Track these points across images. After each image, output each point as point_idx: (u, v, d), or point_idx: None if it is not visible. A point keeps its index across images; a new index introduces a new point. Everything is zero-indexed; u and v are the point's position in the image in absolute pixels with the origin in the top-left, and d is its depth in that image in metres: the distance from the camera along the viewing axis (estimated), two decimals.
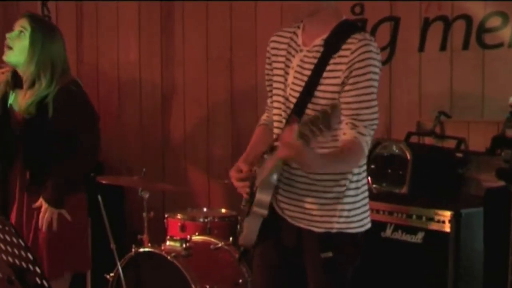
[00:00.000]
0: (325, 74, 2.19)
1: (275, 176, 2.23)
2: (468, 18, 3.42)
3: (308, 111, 2.21)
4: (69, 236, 2.99)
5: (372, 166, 3.17)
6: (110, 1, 4.86)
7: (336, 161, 2.17)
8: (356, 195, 2.29)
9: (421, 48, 3.61)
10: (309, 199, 2.26)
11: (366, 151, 2.19)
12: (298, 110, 2.23)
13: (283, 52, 2.34)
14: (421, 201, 2.98)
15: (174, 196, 4.60)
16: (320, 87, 2.20)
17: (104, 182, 3.60)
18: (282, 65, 2.33)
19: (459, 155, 3.21)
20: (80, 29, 5.04)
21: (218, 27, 4.40)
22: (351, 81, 2.16)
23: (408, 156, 3.09)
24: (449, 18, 3.49)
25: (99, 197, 3.33)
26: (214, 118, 4.47)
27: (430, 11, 3.57)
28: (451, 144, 3.35)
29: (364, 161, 2.27)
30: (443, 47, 3.53)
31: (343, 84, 2.17)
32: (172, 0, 4.60)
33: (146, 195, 3.60)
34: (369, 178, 3.22)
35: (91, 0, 4.96)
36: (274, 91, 2.36)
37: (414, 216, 2.92)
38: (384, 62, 3.68)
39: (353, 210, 2.27)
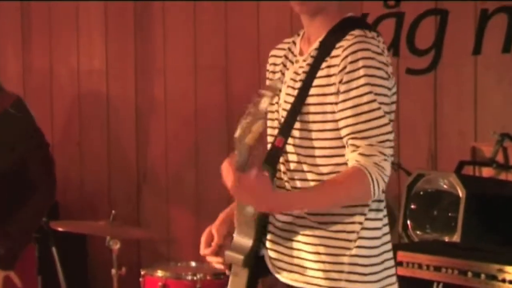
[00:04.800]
0: (316, 82, 2.25)
1: (249, 208, 2.22)
2: None
3: (294, 132, 2.26)
4: None
5: (413, 206, 3.19)
6: None
7: (325, 195, 2.18)
8: (374, 246, 2.27)
9: (477, 50, 3.65)
10: (308, 249, 2.27)
11: (378, 178, 2.15)
12: (284, 130, 2.27)
13: (279, 67, 2.41)
14: (479, 253, 2.99)
15: (152, 247, 4.62)
16: (311, 99, 2.25)
17: (60, 229, 3.62)
18: None
19: None
20: (28, 26, 5.09)
21: (209, 26, 4.46)
22: (343, 87, 2.20)
23: (461, 193, 3.11)
24: None
25: (54, 249, 3.36)
26: (205, 143, 4.51)
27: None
28: None
29: (379, 195, 2.24)
30: (507, 48, 3.57)
31: (338, 92, 2.21)
32: None
33: (116, 246, 3.62)
34: (409, 221, 3.24)
35: None
36: (269, 115, 2.39)
37: (469, 273, 2.92)
38: (426, 70, 3.75)
39: (369, 266, 2.27)
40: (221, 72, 4.43)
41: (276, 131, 2.34)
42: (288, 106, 2.30)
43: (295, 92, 2.29)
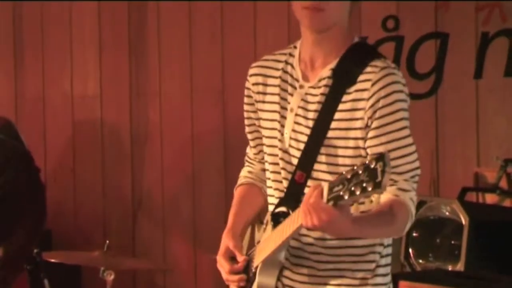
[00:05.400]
0: (338, 115, 2.23)
1: (283, 254, 2.27)
2: None
3: (318, 166, 2.25)
4: None
5: (415, 234, 3.20)
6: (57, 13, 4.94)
7: (381, 227, 2.19)
8: (387, 274, 2.32)
9: (478, 74, 3.68)
10: (330, 282, 2.29)
11: (414, 212, 2.21)
12: (304, 164, 2.26)
13: (275, 90, 2.36)
14: (484, 282, 2.99)
15: (148, 277, 4.62)
16: (334, 133, 2.24)
17: (52, 260, 3.62)
18: (275, 107, 2.35)
19: None
20: (20, 51, 5.11)
21: (205, 47, 4.49)
22: (377, 123, 2.20)
23: (464, 220, 3.13)
24: None
25: (46, 281, 3.36)
26: (202, 170, 4.52)
27: (490, 23, 3.65)
28: None
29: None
30: (509, 72, 3.61)
31: (367, 127, 2.21)
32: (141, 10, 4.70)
33: (111, 277, 3.61)
34: (411, 249, 3.24)
35: (32, 1, 5.05)
36: (266, 141, 2.38)
37: None
38: (427, 94, 3.78)
39: None
40: (218, 96, 4.45)
41: (280, 161, 2.31)
42: (300, 136, 2.28)
43: (309, 123, 2.26)
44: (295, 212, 2.16)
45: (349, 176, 1.94)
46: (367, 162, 1.92)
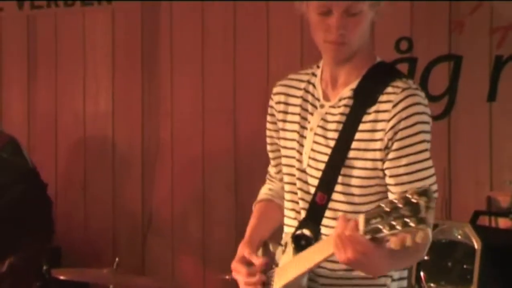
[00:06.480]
0: (358, 136, 2.20)
1: (305, 280, 2.22)
2: None
3: (338, 187, 2.22)
4: None
5: (426, 258, 3.17)
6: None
7: (408, 258, 2.15)
8: None
9: (492, 97, 3.67)
10: None
11: (431, 236, 2.14)
12: (325, 185, 2.23)
13: (296, 109, 2.34)
14: None
15: None
16: (354, 153, 2.21)
17: (62, 277, 3.62)
18: (295, 126, 2.34)
19: None
20: (34, 68, 5.13)
21: (217, 67, 4.49)
22: (397, 145, 2.17)
23: (476, 245, 3.10)
24: None
25: None
26: (212, 190, 4.51)
27: (503, 46, 3.64)
28: None
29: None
30: None
31: (387, 149, 2.18)
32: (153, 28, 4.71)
33: None
34: (422, 273, 3.21)
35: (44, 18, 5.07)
36: (284, 161, 2.37)
37: None
38: (440, 116, 3.76)
39: None
40: (229, 116, 4.44)
41: (297, 181, 2.29)
42: (318, 156, 2.26)
43: (329, 142, 2.24)
44: (323, 240, 2.13)
45: (388, 209, 1.86)
46: (408, 195, 1.84)
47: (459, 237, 3.18)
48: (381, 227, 1.87)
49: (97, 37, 4.90)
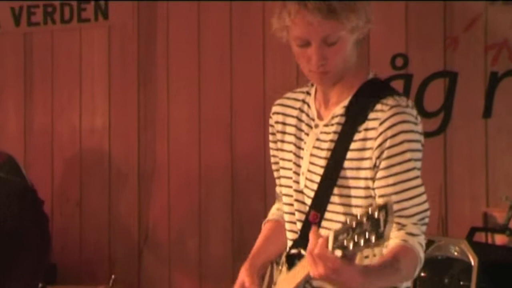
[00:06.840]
0: (350, 155, 2.18)
1: None
2: None
3: (331, 206, 2.21)
4: None
5: (422, 274, 3.17)
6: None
7: (388, 276, 2.11)
8: None
9: (487, 113, 3.67)
10: None
11: (423, 256, 2.15)
12: (318, 204, 2.22)
13: (292, 129, 2.33)
14: None
15: None
16: (346, 172, 2.19)
17: None
18: (291, 147, 2.32)
19: None
20: (30, 83, 5.12)
21: (214, 81, 4.49)
22: (384, 164, 2.14)
23: (473, 261, 3.10)
24: None
25: None
26: (209, 206, 4.50)
27: (498, 63, 3.65)
28: None
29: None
30: None
31: (376, 167, 2.16)
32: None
33: None
34: None
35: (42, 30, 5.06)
36: (283, 182, 2.36)
37: None
38: (435, 132, 3.76)
39: None
40: (226, 129, 4.44)
41: (295, 202, 2.28)
42: (314, 177, 2.24)
43: (322, 162, 2.23)
44: (305, 257, 2.11)
45: (353, 225, 1.86)
46: (370, 211, 1.84)
47: (456, 253, 3.18)
48: (346, 243, 1.87)
49: (93, 54, 4.90)
